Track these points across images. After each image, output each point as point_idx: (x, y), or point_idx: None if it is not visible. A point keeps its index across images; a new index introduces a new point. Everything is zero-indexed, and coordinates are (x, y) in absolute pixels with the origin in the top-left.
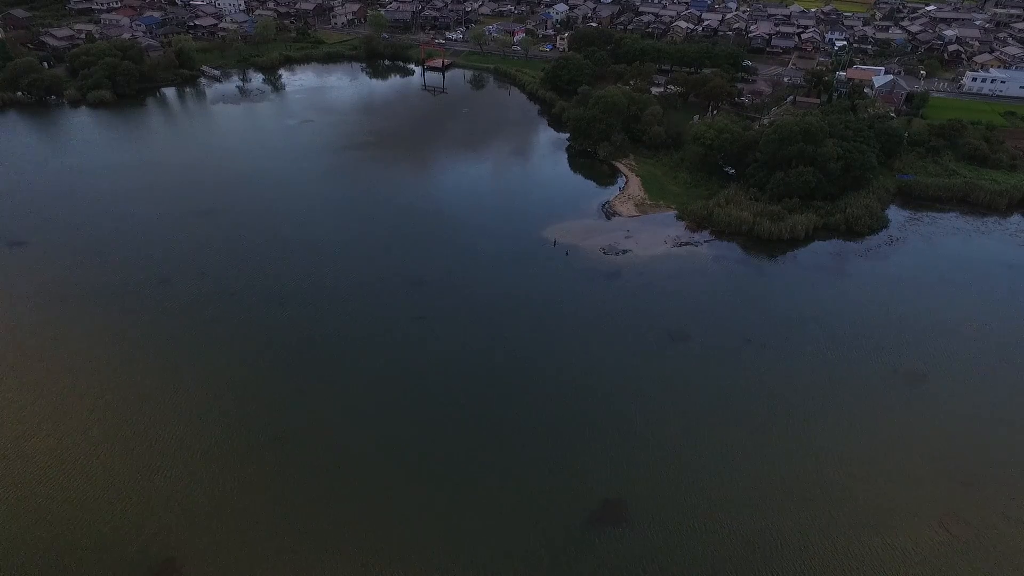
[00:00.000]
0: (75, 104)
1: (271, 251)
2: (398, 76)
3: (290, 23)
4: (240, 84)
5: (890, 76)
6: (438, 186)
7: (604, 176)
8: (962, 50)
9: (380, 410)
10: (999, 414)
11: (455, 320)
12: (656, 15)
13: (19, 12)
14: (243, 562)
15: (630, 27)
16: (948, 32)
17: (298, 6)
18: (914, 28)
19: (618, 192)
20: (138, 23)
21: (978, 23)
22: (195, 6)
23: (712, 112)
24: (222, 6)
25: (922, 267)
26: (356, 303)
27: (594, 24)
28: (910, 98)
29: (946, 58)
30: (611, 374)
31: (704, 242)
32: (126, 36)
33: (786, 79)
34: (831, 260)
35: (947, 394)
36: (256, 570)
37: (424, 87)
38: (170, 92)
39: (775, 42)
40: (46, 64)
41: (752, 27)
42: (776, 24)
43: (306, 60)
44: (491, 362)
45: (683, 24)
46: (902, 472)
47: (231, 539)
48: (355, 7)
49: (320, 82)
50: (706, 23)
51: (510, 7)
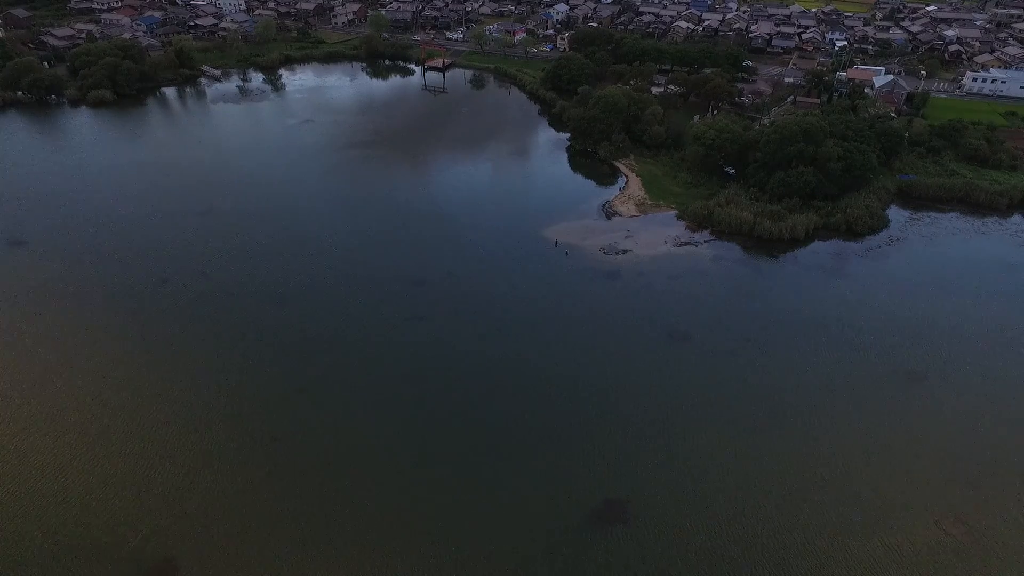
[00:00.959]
0: (75, 104)
1: (271, 251)
2: (398, 76)
3: (290, 23)
4: (240, 84)
5: (890, 76)
6: (438, 186)
7: (604, 176)
8: (963, 50)
9: (379, 410)
10: (998, 414)
11: (455, 320)
12: (656, 15)
13: (20, 11)
14: (240, 562)
15: (630, 27)
16: (948, 32)
17: (298, 6)
18: (915, 28)
19: (618, 192)
20: (138, 23)
21: (979, 23)
22: (195, 6)
23: (712, 112)
24: (222, 6)
25: (922, 267)
26: (356, 303)
27: (594, 24)
28: (910, 98)
29: (947, 58)
30: (611, 374)
31: (704, 242)
32: (127, 36)
33: (787, 79)
34: (831, 260)
35: (946, 394)
36: (253, 570)
37: (424, 87)
38: (170, 92)
39: (775, 42)
40: (46, 64)
41: (752, 27)
42: (776, 24)
43: (306, 60)
44: (491, 362)
45: (683, 24)
46: (902, 472)
47: (229, 539)
48: (355, 7)
49: (320, 82)
50: (706, 23)
51: (511, 7)
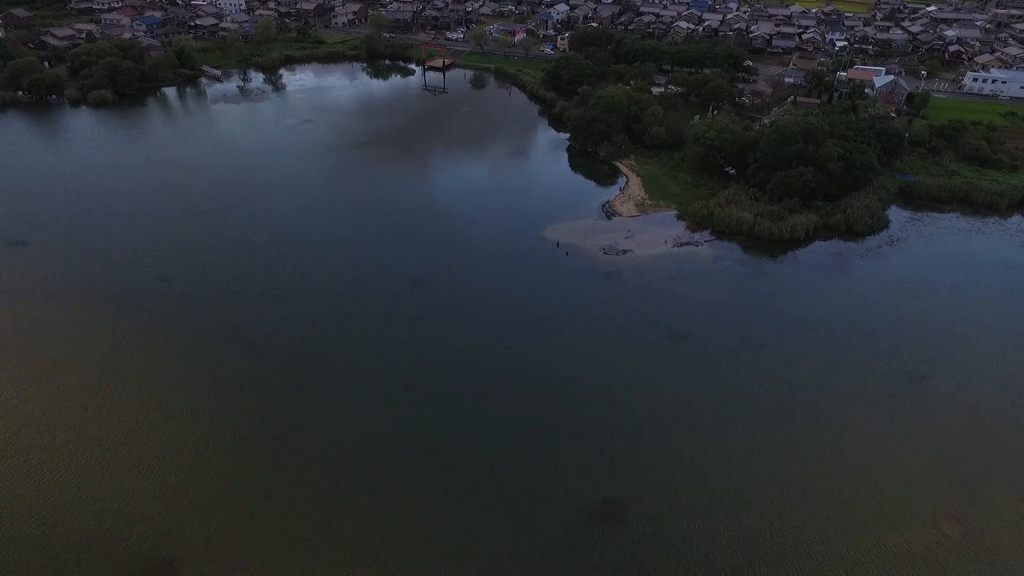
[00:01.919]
0: (76, 104)
1: (271, 250)
2: (399, 76)
3: (291, 23)
4: (241, 84)
5: (891, 76)
6: (438, 186)
7: (604, 176)
8: (963, 50)
9: (379, 410)
10: (998, 415)
11: (455, 320)
12: (657, 15)
13: (20, 12)
14: (240, 562)
15: (631, 27)
16: (949, 32)
17: (299, 6)
18: (915, 28)
19: (618, 192)
20: (139, 23)
21: (979, 23)
22: (196, 6)
23: (713, 112)
24: (223, 6)
25: (923, 267)
26: (356, 303)
27: (595, 24)
28: (911, 98)
29: (947, 58)
30: (611, 373)
31: (704, 242)
32: (127, 36)
33: (787, 79)
34: (832, 260)
35: (946, 395)
36: (253, 569)
37: (425, 87)
38: (171, 92)
39: (776, 42)
40: (47, 64)
41: (753, 27)
42: (777, 24)
43: (307, 60)
44: (491, 362)
45: (684, 24)
46: (902, 472)
47: (228, 539)
48: (356, 7)
49: (320, 82)
50: (707, 23)
51: (511, 7)
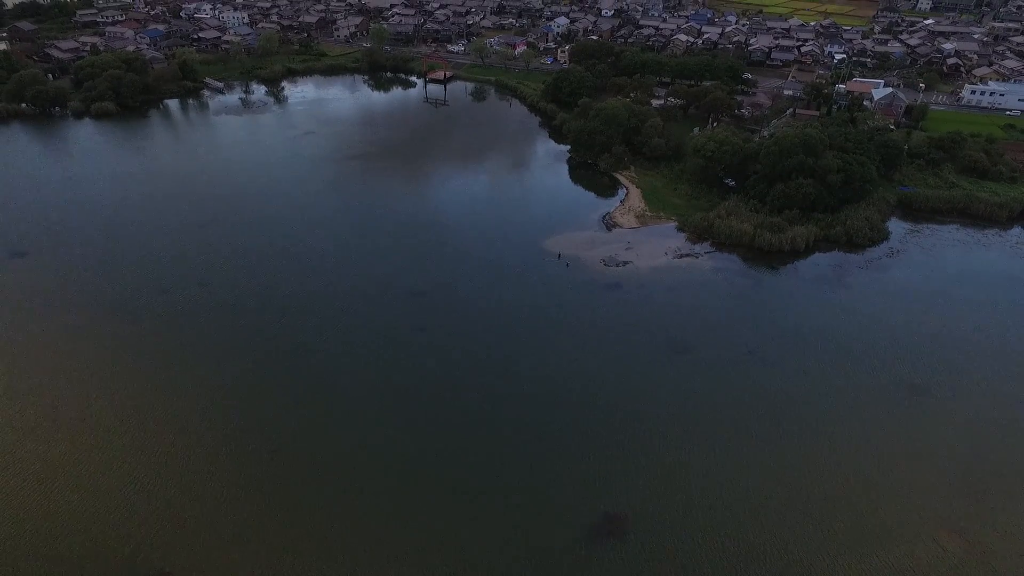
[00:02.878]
0: (79, 116)
1: (271, 262)
2: (400, 88)
3: (293, 36)
4: (243, 96)
5: (889, 89)
6: (439, 197)
7: (605, 188)
8: (961, 63)
9: (379, 422)
10: (1000, 428)
11: (455, 331)
12: (656, 28)
13: (24, 25)
14: (236, 574)
15: (630, 40)
16: (947, 45)
17: (301, 19)
18: (913, 41)
19: (619, 204)
20: (142, 36)
21: (976, 37)
22: (199, 19)
23: (712, 124)
24: (226, 19)
25: (923, 279)
26: (356, 314)
27: (595, 37)
28: (909, 110)
29: (945, 71)
30: (612, 386)
31: (705, 254)
32: (130, 48)
33: (786, 92)
34: (832, 272)
35: (948, 407)
36: None
37: (426, 99)
38: (173, 104)
39: (775, 55)
40: (51, 76)
41: (752, 40)
42: (776, 37)
43: (309, 73)
44: (491, 374)
45: (683, 37)
46: (903, 486)
47: (224, 551)
48: (358, 20)
49: (322, 94)
50: (706, 36)
51: (512, 20)
